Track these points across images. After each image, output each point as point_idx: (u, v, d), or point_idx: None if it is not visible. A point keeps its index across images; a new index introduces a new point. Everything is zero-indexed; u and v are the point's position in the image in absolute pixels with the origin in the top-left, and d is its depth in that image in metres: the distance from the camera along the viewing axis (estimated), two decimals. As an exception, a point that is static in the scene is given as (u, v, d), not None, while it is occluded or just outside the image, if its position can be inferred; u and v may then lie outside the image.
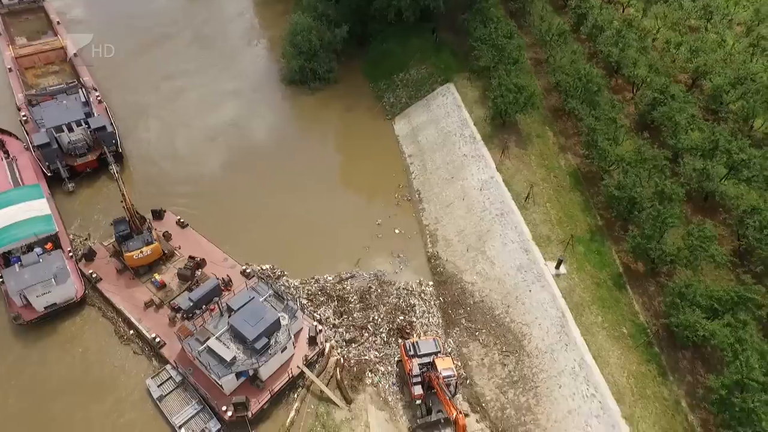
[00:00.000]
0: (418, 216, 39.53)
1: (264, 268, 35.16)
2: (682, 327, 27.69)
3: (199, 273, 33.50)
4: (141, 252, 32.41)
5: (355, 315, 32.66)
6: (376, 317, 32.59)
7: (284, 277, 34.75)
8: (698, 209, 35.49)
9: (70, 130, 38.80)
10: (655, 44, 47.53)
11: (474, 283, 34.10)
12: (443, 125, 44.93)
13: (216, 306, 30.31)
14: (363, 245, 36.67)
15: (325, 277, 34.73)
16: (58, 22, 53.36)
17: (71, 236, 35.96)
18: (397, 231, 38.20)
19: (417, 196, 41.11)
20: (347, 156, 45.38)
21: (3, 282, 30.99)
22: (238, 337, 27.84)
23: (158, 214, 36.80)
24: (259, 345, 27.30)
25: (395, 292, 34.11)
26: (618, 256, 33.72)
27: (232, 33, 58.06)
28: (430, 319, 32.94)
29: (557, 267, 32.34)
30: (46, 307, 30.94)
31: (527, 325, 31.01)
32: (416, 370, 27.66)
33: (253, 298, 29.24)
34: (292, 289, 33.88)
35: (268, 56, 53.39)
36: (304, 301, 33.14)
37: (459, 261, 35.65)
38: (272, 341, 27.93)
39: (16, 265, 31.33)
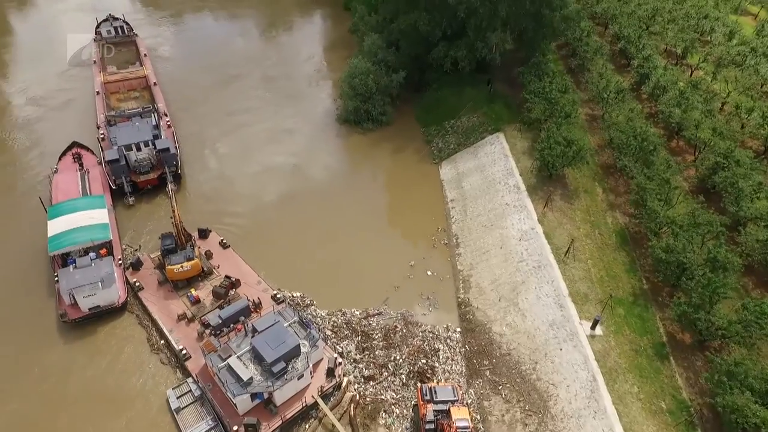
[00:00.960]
0: (453, 260, 39.13)
1: (295, 295, 35.78)
2: (729, 409, 25.21)
3: (232, 293, 34.59)
4: (181, 267, 34.06)
5: (377, 353, 32.25)
6: (398, 357, 32.00)
7: (313, 306, 35.14)
8: (762, 283, 32.96)
9: (138, 149, 42.30)
10: (723, 108, 46.01)
11: (503, 334, 32.91)
12: (488, 173, 44.95)
13: (242, 326, 31.00)
14: (393, 284, 36.61)
15: (352, 311, 34.78)
16: (145, 55, 59.26)
17: (124, 246, 38.48)
18: (429, 273, 37.92)
19: (455, 240, 40.84)
20: (391, 195, 46.17)
21: (58, 280, 33.33)
22: (257, 358, 28.20)
23: (204, 233, 38.72)
24: (276, 368, 27.48)
25: (420, 334, 33.50)
26: (662, 324, 31.64)
27: (297, 74, 61.85)
28: (453, 366, 31.91)
29: (593, 327, 30.70)
30: (90, 308, 32.91)
31: (555, 385, 29.32)
32: (430, 416, 26.69)
33: (278, 321, 29.69)
34: (319, 319, 34.14)
35: (327, 97, 56.24)
36: (329, 333, 33.22)
37: (490, 310, 34.66)
38: (290, 367, 28.05)
39: (71, 266, 33.83)
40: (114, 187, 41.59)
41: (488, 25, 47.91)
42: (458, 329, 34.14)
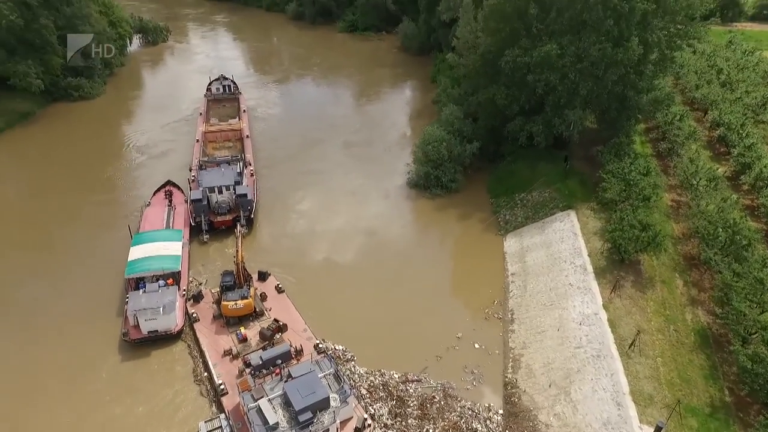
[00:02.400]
0: (505, 336, 37.02)
1: (337, 347, 35.60)
2: None
3: (278, 336, 35.21)
4: (235, 304, 35.57)
5: (410, 421, 30.64)
6: (431, 431, 30.11)
7: (353, 362, 34.62)
8: None
9: (220, 192, 46.20)
10: None
11: (549, 425, 29.93)
12: (555, 250, 43.02)
13: (280, 370, 31.19)
14: (437, 353, 35.22)
15: (392, 373, 33.72)
16: (244, 111, 65.93)
17: (191, 278, 41.18)
18: (477, 346, 36.08)
19: (510, 315, 38.85)
20: (450, 262, 45.58)
21: (127, 302, 36.18)
22: (287, 404, 28.00)
23: (263, 276, 40.43)
24: (303, 417, 27.03)
25: (459, 409, 31.46)
26: (746, 446, 27.10)
27: (376, 140, 65.15)
28: (489, 452, 29.34)
29: (654, 434, 27.03)
30: (149, 331, 35.09)
31: (602, 493, 25.76)
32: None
33: (313, 371, 29.53)
34: (356, 376, 33.45)
35: (400, 162, 57.96)
36: (363, 391, 32.31)
37: (538, 396, 31.89)
38: (316, 418, 27.45)
39: (141, 290, 36.70)
40: (193, 224, 45.30)
41: (567, 103, 47.72)
42: (500, 411, 31.62)
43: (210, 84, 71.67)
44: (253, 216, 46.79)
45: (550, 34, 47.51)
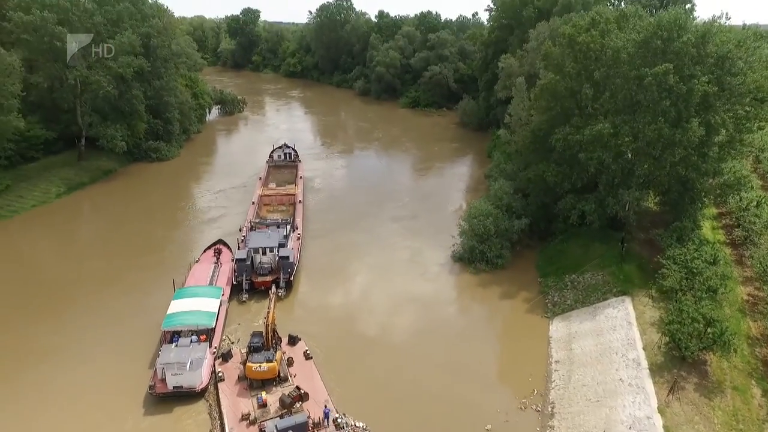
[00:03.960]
0: (543, 432, 33.29)
1: (357, 425, 33.47)
2: None
3: (298, 405, 33.84)
4: (260, 366, 34.94)
5: None
6: None
7: (371, 443, 32.32)
8: None
9: (264, 253, 47.28)
10: None
11: None
12: (605, 339, 39.31)
13: (293, 442, 29.67)
14: (465, 443, 32.16)
15: (411, 460, 30.99)
16: (300, 177, 69.00)
17: (224, 336, 41.36)
18: (509, 440, 32.62)
19: (550, 409, 35.13)
20: (489, 344, 42.75)
21: (159, 354, 36.70)
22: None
23: (293, 340, 39.81)
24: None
25: None
26: None
27: (426, 213, 65.25)
28: None
29: None
30: (174, 386, 34.98)
31: None
32: None
33: (324, 448, 27.80)
34: (373, 458, 31.03)
35: (446, 235, 56.93)
36: (378, 478, 29.74)
37: (576, 508, 27.78)
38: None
39: (174, 343, 37.21)
40: (234, 283, 46.24)
41: (622, 182, 45.61)
42: None
43: (273, 151, 76.27)
44: (292, 279, 47.12)
45: (604, 113, 46.64)
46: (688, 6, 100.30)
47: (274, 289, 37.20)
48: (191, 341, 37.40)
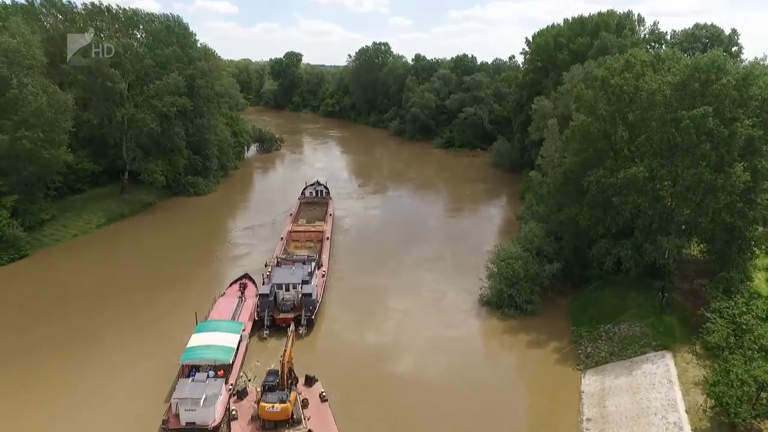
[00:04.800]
0: (572, 499, 30.47)
1: (370, 476, 31.74)
2: None
3: (309, 451, 32.50)
4: (272, 407, 33.91)
5: None
6: None
7: (384, 498, 30.38)
8: None
9: (287, 290, 46.98)
10: None
11: None
12: (643, 398, 36.33)
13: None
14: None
15: None
16: (330, 214, 69.29)
17: (241, 373, 40.71)
18: (533, 504, 29.95)
19: (580, 472, 32.33)
20: (513, 395, 40.24)
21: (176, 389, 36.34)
22: None
23: (309, 381, 38.68)
24: None
25: None
26: None
27: (454, 254, 64.00)
28: None
29: None
30: (186, 423, 34.27)
31: None
32: None
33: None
34: None
35: (474, 278, 55.08)
36: None
37: None
38: None
39: (191, 377, 36.84)
40: (257, 318, 45.95)
41: (660, 228, 43.29)
42: None
43: (305, 188, 77.46)
44: (314, 317, 46.41)
45: (640, 156, 44.99)
46: (734, 49, 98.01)
47: (292, 327, 36.56)
48: (208, 376, 36.90)
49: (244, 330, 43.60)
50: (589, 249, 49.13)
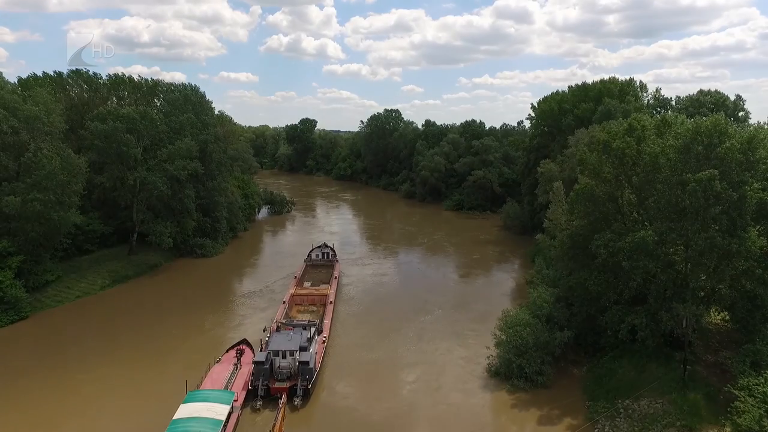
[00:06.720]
0: None
1: None
2: None
3: None
4: (259, 489, 31.28)
5: None
6: None
7: None
8: None
9: (284, 357, 44.83)
10: None
11: None
12: (668, 485, 32.70)
13: None
14: None
15: None
16: (335, 277, 67.90)
17: (230, 449, 38.04)
18: None
19: None
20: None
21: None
22: None
23: (301, 458, 35.97)
24: None
25: None
26: None
27: (460, 322, 61.35)
28: None
29: None
30: (167, 507, 31.72)
31: None
32: None
33: None
34: None
35: (481, 346, 52.32)
36: None
37: None
38: None
39: (176, 454, 34.44)
40: (251, 387, 43.60)
41: (675, 295, 41.05)
42: None
43: (312, 250, 76.77)
44: (311, 387, 43.95)
45: (649, 219, 43.65)
46: (741, 114, 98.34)
47: (284, 398, 34.42)
48: (193, 453, 34.54)
49: (236, 400, 41.25)
50: (602, 316, 46.68)
